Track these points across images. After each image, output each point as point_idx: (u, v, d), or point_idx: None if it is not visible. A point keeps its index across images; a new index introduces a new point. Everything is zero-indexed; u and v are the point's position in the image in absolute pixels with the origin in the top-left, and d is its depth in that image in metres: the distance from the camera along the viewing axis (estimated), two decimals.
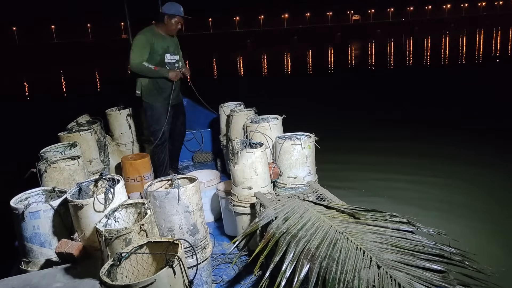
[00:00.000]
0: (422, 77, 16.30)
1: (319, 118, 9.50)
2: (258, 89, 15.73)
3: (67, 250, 2.17)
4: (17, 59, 39.51)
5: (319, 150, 3.51)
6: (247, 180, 3.16)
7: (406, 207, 4.78)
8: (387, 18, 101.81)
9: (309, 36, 59.78)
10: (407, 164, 6.45)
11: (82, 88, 20.45)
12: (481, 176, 5.73)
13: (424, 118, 9.14)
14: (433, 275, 1.92)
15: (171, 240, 1.92)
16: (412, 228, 2.31)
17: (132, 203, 2.28)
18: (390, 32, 57.89)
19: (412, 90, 13.13)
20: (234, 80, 20.04)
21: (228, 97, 5.06)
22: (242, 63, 30.68)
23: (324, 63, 26.55)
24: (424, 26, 64.62)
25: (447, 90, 12.53)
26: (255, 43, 55.16)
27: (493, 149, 6.74)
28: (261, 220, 2.61)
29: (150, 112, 4.39)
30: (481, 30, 48.18)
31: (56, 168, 2.90)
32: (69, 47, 51.45)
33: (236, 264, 3.10)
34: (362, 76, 18.77)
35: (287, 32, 70.99)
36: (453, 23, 64.57)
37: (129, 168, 4.23)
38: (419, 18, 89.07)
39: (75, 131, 3.91)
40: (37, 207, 2.36)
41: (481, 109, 9.59)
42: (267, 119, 4.01)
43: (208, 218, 3.81)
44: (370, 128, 8.74)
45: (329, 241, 2.23)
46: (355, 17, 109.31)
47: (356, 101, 11.88)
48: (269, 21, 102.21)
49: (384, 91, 13.54)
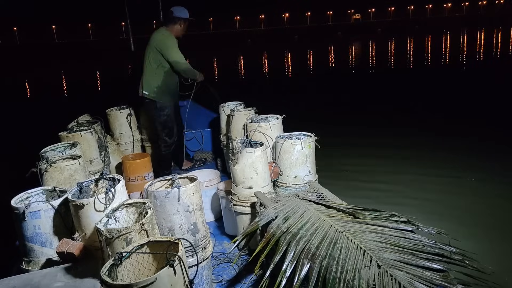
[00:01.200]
0: (426, 77, 16.27)
1: (319, 117, 9.51)
2: (259, 88, 15.74)
3: (68, 249, 2.17)
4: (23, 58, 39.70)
5: (319, 150, 3.51)
6: (247, 179, 3.16)
7: (406, 207, 4.77)
8: (387, 17, 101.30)
9: (310, 35, 59.58)
10: (407, 164, 6.45)
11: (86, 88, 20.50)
12: (481, 177, 5.73)
13: (425, 119, 9.12)
14: (434, 274, 1.92)
15: (171, 240, 1.92)
16: (412, 227, 2.31)
17: (133, 202, 2.28)
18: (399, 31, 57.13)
19: (414, 90, 13.10)
20: (234, 80, 20.02)
21: (230, 97, 5.09)
22: (242, 63, 30.67)
23: (325, 62, 26.51)
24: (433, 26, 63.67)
25: (452, 90, 12.50)
26: (256, 43, 55.09)
27: (494, 150, 6.73)
28: (262, 219, 2.61)
29: (165, 111, 4.55)
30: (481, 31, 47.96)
31: (57, 167, 2.91)
32: (71, 47, 51.58)
33: (236, 264, 3.10)
34: (363, 75, 18.76)
35: (288, 31, 70.85)
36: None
37: (130, 167, 4.24)
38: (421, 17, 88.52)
39: (75, 130, 3.91)
40: (37, 206, 2.36)
41: (483, 111, 9.55)
42: (267, 118, 4.00)
43: (209, 218, 3.82)
44: (370, 127, 8.74)
45: (330, 241, 2.23)
46: (355, 16, 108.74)
47: (357, 101, 11.88)
48: (270, 21, 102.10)
49: (385, 91, 13.51)
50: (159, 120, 4.60)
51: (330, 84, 16.27)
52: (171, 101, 4.62)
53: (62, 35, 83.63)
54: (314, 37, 56.66)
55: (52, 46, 57.43)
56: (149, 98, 4.53)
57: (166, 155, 4.70)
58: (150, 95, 4.52)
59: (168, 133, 4.63)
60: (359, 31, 62.79)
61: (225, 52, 41.45)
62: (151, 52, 4.49)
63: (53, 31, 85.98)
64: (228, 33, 72.12)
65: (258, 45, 50.37)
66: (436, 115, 9.20)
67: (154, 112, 4.59)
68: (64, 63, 36.77)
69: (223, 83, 18.15)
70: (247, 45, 52.90)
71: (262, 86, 16.97)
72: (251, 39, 60.33)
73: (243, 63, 30.41)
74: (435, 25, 63.76)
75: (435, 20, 76.38)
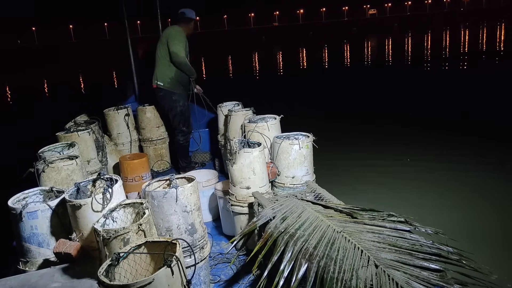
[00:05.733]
0: (425, 75, 16.26)
1: (319, 117, 9.52)
2: (273, 88, 15.72)
3: (65, 250, 2.17)
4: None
5: (317, 150, 3.52)
6: (245, 179, 3.16)
7: (404, 207, 4.78)
8: (404, 12, 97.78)
9: (325, 32, 58.60)
10: (406, 164, 6.47)
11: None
12: (479, 176, 5.75)
13: (424, 119, 9.11)
14: (431, 274, 1.93)
15: (169, 240, 1.92)
16: (409, 227, 2.32)
17: (130, 203, 2.28)
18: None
19: (413, 90, 13.08)
20: (250, 80, 19.95)
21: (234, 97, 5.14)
22: (257, 60, 30.45)
23: (341, 59, 26.14)
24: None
25: (451, 89, 12.49)
26: (270, 40, 54.36)
27: (492, 150, 6.75)
28: (259, 219, 2.61)
29: (180, 102, 4.78)
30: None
31: (54, 168, 2.90)
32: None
33: (234, 264, 3.10)
34: (369, 72, 18.70)
35: (302, 28, 70.01)
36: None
37: (127, 168, 4.23)
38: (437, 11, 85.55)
39: (73, 131, 3.90)
40: (35, 207, 2.35)
41: (484, 110, 9.53)
42: (265, 118, 4.01)
43: (206, 218, 3.82)
44: (369, 127, 8.75)
45: (327, 241, 2.23)
46: (371, 11, 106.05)
47: (356, 100, 11.89)
48: (284, 17, 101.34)
49: (385, 91, 13.50)
50: (176, 110, 4.79)
51: (334, 83, 16.18)
52: (185, 92, 4.86)
53: (80, 34, 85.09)
54: (328, 33, 55.55)
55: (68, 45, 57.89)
56: (165, 89, 4.73)
57: (184, 145, 4.94)
58: (165, 85, 4.72)
59: (185, 123, 4.85)
60: (374, 26, 61.29)
61: (240, 49, 41.22)
62: (163, 46, 4.68)
63: (70, 30, 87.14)
64: (242, 30, 71.80)
65: (272, 42, 50.01)
66: (436, 119, 9.09)
67: (171, 103, 4.78)
68: (80, 62, 36.84)
69: (235, 82, 18.11)
70: (261, 42, 52.47)
71: (274, 86, 16.88)
72: (266, 36, 59.93)
73: (257, 60, 30.22)
74: (453, 18, 62.19)
75: (452, 14, 73.96)
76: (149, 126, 5.09)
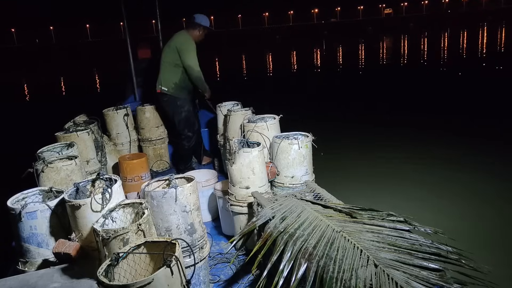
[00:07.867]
0: (426, 75, 16.23)
1: (318, 117, 9.53)
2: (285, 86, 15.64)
3: (65, 250, 2.17)
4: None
5: (316, 150, 3.52)
6: (245, 179, 3.16)
7: (403, 206, 4.78)
8: (421, 11, 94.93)
9: (339, 31, 57.97)
10: (405, 163, 6.47)
11: None
12: (478, 176, 5.75)
13: (424, 120, 9.12)
14: (430, 273, 1.93)
15: (168, 240, 1.92)
16: (409, 227, 2.32)
17: (130, 203, 2.28)
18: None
19: (414, 91, 13.08)
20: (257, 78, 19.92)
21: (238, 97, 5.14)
22: (272, 61, 30.36)
23: (353, 59, 25.98)
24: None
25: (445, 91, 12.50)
26: (285, 39, 53.97)
27: (491, 150, 6.75)
28: (259, 219, 2.61)
29: (185, 107, 4.74)
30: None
31: (53, 168, 2.90)
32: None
33: (233, 264, 3.10)
34: (378, 73, 18.65)
35: (316, 27, 69.52)
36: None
37: (127, 168, 4.23)
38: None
39: (72, 131, 3.89)
40: (34, 207, 2.35)
41: (485, 110, 9.52)
42: (264, 118, 4.00)
43: (206, 218, 3.82)
44: (368, 127, 8.75)
45: (327, 240, 2.23)
46: (387, 11, 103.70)
47: (357, 100, 11.90)
48: (298, 17, 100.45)
49: (386, 91, 13.50)
50: (181, 116, 4.75)
51: (337, 83, 16.18)
52: (189, 97, 4.82)
53: (96, 33, 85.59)
54: (343, 32, 54.78)
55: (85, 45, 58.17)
56: (169, 94, 4.69)
57: (189, 150, 4.91)
58: (169, 91, 4.68)
59: (190, 128, 4.82)
60: (390, 26, 60.22)
61: (253, 48, 41.16)
62: (171, 52, 4.63)
63: (87, 29, 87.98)
64: (257, 30, 71.29)
65: (287, 41, 49.73)
66: (436, 119, 9.08)
67: (175, 109, 4.74)
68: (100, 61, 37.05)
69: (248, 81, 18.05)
70: (276, 42, 52.21)
71: (280, 86, 16.88)
72: (280, 36, 59.52)
73: (271, 60, 30.15)
74: (471, 18, 60.44)
75: (471, 14, 71.02)
76: (149, 126, 5.08)
